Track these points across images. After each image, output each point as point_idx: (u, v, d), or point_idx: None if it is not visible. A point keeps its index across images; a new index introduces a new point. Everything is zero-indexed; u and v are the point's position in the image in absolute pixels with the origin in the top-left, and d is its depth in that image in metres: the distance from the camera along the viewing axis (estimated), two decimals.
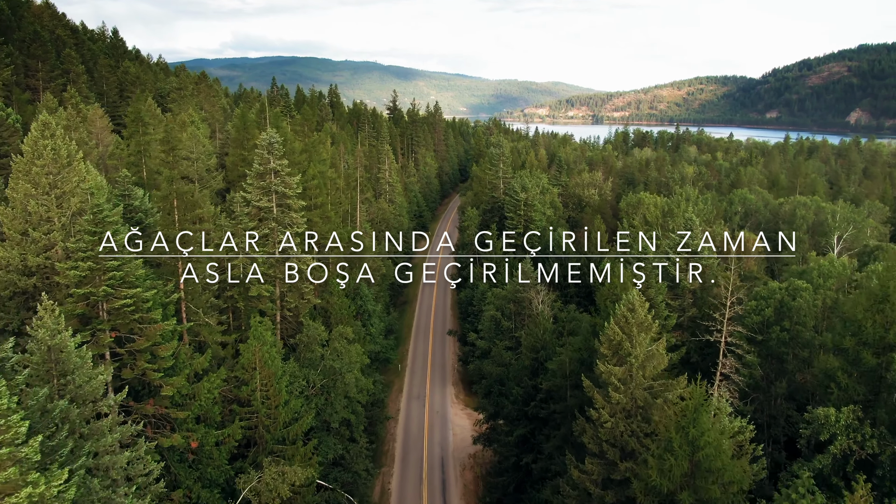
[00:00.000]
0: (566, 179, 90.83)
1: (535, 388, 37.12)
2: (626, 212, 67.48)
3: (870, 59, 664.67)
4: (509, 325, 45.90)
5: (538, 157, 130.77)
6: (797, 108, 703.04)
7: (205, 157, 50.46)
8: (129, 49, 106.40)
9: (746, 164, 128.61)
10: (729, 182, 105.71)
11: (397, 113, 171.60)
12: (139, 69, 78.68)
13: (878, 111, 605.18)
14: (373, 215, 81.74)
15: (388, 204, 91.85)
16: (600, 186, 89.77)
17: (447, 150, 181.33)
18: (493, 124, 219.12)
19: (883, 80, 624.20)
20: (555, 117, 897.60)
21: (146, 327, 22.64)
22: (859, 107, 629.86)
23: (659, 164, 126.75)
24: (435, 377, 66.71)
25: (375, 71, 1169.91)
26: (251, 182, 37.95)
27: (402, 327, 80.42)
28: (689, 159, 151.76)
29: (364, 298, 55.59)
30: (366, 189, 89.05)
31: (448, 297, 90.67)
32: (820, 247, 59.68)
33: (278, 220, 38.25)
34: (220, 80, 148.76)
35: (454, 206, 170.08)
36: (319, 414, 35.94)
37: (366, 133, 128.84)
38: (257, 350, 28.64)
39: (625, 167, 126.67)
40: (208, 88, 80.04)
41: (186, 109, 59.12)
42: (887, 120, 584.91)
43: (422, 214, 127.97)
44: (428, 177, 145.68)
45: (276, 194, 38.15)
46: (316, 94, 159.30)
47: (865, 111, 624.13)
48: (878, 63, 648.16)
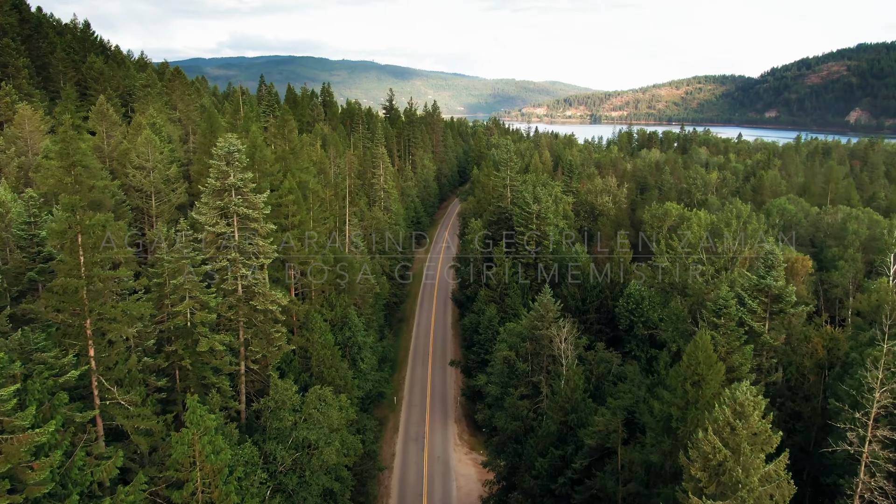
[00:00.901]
0: (577, 186, 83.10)
1: (564, 459, 29.44)
2: (651, 224, 59.87)
3: (869, 58, 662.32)
4: (525, 367, 38.18)
5: (542, 160, 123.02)
6: (796, 107, 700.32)
7: (163, 167, 42.49)
8: (104, 43, 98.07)
9: (765, 167, 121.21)
10: (750, 188, 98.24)
11: (394, 113, 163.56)
12: (104, 64, 70.48)
13: (878, 110, 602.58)
14: (366, 226, 73.96)
15: (383, 212, 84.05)
16: (614, 193, 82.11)
17: (446, 152, 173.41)
18: (493, 124, 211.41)
19: (882, 79, 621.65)
20: (553, 117, 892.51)
21: (4, 441, 14.87)
22: (859, 106, 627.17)
23: (672, 167, 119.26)
24: (435, 412, 58.91)
25: (372, 70, 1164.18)
26: (206, 201, 30.10)
27: (398, 350, 72.60)
28: (700, 161, 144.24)
29: (353, 328, 47.81)
30: (358, 197, 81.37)
31: (448, 314, 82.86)
32: (874, 266, 52.22)
33: (240, 248, 30.42)
34: (218, 80, 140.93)
35: (453, 210, 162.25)
36: (291, 497, 28.15)
37: (360, 134, 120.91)
38: (196, 440, 20.80)
39: (635, 170, 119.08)
40: (184, 86, 71.88)
41: (150, 109, 51.14)
42: (887, 119, 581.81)
43: (420, 221, 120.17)
44: (426, 180, 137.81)
45: (237, 217, 30.30)
46: (308, 93, 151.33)
47: (865, 110, 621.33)
48: (877, 62, 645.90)
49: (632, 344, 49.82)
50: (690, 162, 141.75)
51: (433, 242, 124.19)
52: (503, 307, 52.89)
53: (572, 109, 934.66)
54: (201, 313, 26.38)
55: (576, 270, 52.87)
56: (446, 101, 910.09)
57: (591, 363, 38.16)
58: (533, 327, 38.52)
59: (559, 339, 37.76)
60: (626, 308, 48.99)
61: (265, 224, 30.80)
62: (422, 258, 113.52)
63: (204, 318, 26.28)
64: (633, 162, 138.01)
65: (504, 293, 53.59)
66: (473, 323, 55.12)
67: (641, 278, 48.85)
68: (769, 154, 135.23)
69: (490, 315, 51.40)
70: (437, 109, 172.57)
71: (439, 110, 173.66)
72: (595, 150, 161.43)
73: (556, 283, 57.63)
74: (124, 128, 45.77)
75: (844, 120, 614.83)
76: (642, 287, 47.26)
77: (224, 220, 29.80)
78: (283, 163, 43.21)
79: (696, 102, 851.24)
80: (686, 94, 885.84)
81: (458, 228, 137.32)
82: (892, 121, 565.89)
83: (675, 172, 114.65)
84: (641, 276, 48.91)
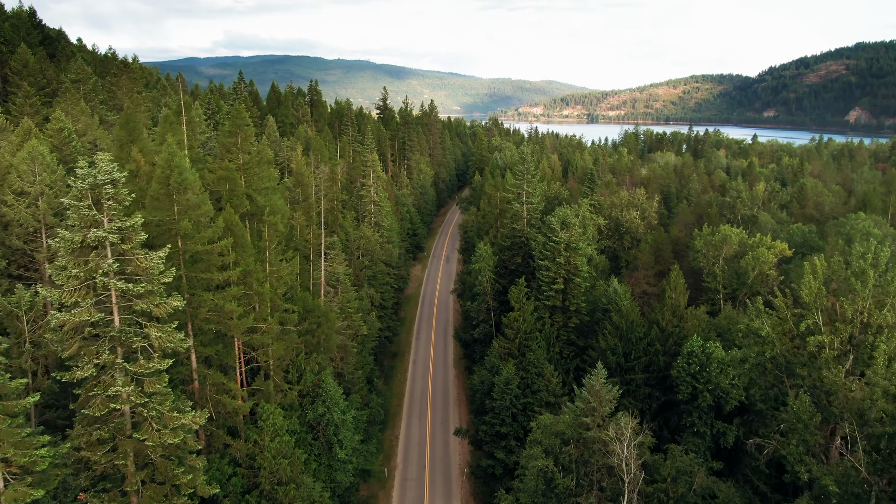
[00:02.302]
0: (599, 199, 71.31)
1: None
2: (706, 253, 48.01)
3: (868, 57, 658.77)
4: (569, 483, 26.36)
5: (551, 165, 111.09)
6: (795, 106, 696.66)
7: (58, 191, 30.36)
8: (49, 33, 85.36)
9: (796, 172, 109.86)
10: (787, 196, 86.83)
11: (388, 113, 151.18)
12: (34, 58, 58.08)
13: (878, 110, 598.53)
14: (353, 249, 61.97)
15: (374, 230, 72.09)
16: (643, 207, 70.36)
17: (444, 154, 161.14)
18: (493, 125, 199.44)
19: (882, 78, 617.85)
20: (549, 116, 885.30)
21: None
22: (858, 105, 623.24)
23: (694, 172, 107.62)
24: (436, 490, 46.93)
25: (368, 70, 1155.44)
26: (61, 265, 18.07)
27: (390, 398, 60.46)
28: (720, 165, 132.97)
29: (329, 402, 35.87)
30: (345, 213, 69.38)
31: (450, 351, 70.93)
32: None
33: (122, 340, 18.42)
34: (213, 80, 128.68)
35: (452, 217, 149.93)
36: None
37: (349, 137, 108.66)
38: None
39: (654, 177, 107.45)
40: (132, 81, 59.58)
41: (57, 111, 38.79)
42: (887, 119, 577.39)
43: (416, 233, 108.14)
44: (423, 186, 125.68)
45: (116, 294, 18.29)
46: (293, 92, 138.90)
47: (865, 110, 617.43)
48: (876, 61, 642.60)
49: (693, 416, 38.20)
50: (710, 166, 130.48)
51: (431, 256, 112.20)
52: (523, 364, 41.13)
53: (569, 109, 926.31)
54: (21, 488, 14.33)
55: (615, 315, 41.11)
56: (442, 100, 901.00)
57: (663, 475, 26.37)
58: (579, 425, 26.71)
59: (619, 443, 25.95)
60: (687, 371, 37.36)
61: (166, 302, 18.70)
62: (418, 275, 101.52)
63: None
64: (648, 167, 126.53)
65: (524, 345, 41.85)
66: (485, 384, 43.19)
67: (708, 330, 37.24)
68: (801, 159, 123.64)
69: (508, 376, 39.63)
70: (435, 109, 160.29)
71: (437, 110, 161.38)
72: (604, 152, 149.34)
73: (588, 329, 45.96)
74: (14, 136, 33.64)
75: (844, 119, 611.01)
76: (711, 344, 35.63)
77: (89, 299, 17.74)
78: (229, 184, 31.21)
79: (694, 102, 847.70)
80: (683, 94, 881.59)
81: (458, 239, 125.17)
82: (893, 120, 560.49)
83: (701, 180, 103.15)
84: (708, 329, 37.24)
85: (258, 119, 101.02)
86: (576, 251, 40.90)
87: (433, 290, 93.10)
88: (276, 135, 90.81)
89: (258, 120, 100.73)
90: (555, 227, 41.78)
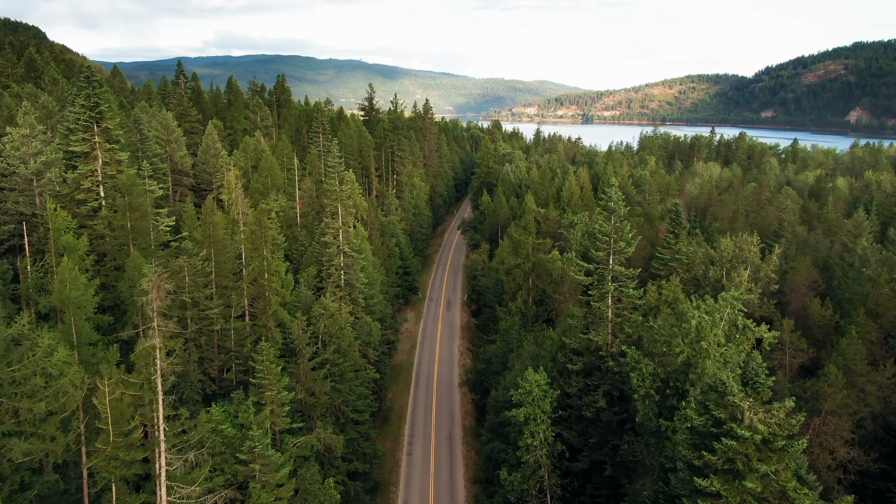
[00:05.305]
0: (685, 248, 47.45)
1: None
2: None
3: (866, 56, 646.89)
4: None
5: (580, 183, 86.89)
6: (793, 106, 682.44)
7: None
8: None
9: (879, 192, 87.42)
10: None
11: (374, 115, 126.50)
12: None
13: (879, 110, 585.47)
14: (304, 342, 37.70)
15: (343, 295, 47.73)
16: (754, 264, 46.86)
17: (440, 164, 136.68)
18: (495, 128, 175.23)
19: (881, 78, 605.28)
20: (544, 116, 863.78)
21: None
22: (859, 105, 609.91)
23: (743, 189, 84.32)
24: None
25: (360, 69, 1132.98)
26: None
27: None
28: (780, 179, 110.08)
29: None
30: (280, 306, 45.35)
31: (459, 474, 46.70)
32: None
33: None
34: (202, 80, 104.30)
35: (451, 237, 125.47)
36: None
37: (320, 149, 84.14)
38: None
39: (708, 199, 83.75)
40: None
41: None
42: (889, 119, 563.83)
43: (408, 270, 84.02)
44: (417, 206, 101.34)
45: None
46: (256, 90, 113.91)
47: (865, 110, 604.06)
48: (875, 61, 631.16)
49: None
50: (763, 179, 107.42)
51: (427, 298, 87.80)
52: None
53: (563, 109, 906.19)
54: None
55: None
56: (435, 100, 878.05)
57: None
58: None
59: None
60: None
61: None
62: (411, 329, 77.16)
63: None
64: (691, 181, 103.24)
65: None
66: None
67: None
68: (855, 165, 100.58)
69: None
70: (430, 110, 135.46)
71: (432, 111, 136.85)
72: (627, 160, 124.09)
73: None
74: None
75: (845, 120, 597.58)
76: None
77: None
78: None
79: (690, 102, 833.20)
80: (679, 94, 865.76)
81: (459, 272, 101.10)
82: (895, 120, 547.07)
83: (774, 201, 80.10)
84: None
85: (198, 124, 76.25)
86: (784, 455, 16.93)
87: (430, 357, 68.85)
88: (216, 147, 66.28)
89: (197, 125, 76.00)
90: (727, 384, 17.89)
